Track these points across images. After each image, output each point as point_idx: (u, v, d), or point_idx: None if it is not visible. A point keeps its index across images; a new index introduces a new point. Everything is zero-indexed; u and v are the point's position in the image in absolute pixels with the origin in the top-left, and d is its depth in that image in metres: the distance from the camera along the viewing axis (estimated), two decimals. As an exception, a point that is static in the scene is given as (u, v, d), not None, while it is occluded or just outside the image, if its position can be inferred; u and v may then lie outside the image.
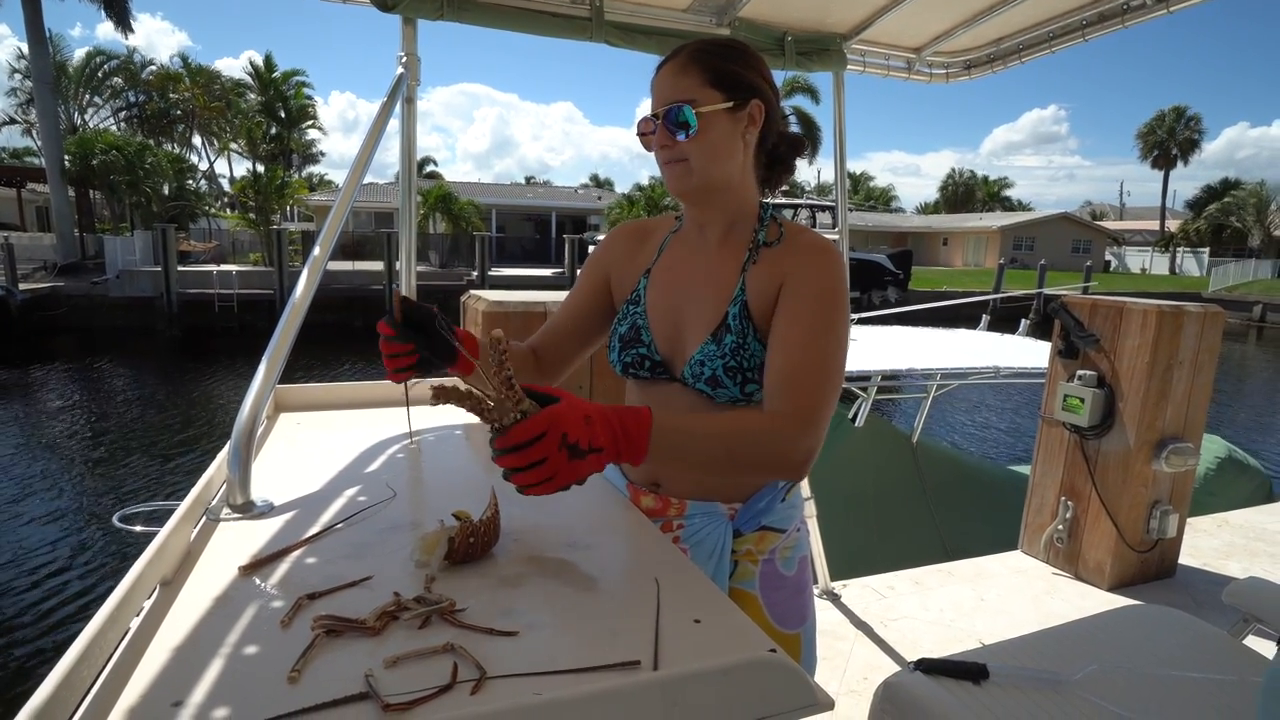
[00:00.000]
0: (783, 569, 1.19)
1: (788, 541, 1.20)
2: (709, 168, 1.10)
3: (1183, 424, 3.00)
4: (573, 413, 0.82)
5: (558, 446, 0.80)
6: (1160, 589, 3.04)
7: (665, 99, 1.09)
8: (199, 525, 0.95)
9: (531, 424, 0.80)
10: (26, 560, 6.46)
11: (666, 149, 1.10)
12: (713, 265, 1.15)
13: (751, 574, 1.17)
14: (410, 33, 1.88)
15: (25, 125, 31.32)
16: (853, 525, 4.69)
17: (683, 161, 1.09)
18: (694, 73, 1.09)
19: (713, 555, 1.15)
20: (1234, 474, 5.55)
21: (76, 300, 17.95)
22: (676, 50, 1.12)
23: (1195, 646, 1.50)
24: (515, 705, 0.58)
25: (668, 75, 1.11)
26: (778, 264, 1.11)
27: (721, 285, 1.13)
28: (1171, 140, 48.43)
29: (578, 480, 0.84)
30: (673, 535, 1.16)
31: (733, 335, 1.08)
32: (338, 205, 1.52)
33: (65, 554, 6.61)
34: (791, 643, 1.19)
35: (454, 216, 26.25)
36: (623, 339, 1.19)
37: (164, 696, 0.60)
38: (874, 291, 22.90)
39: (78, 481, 8.60)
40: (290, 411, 1.55)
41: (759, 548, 1.18)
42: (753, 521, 1.17)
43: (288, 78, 32.06)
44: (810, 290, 1.06)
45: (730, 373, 1.07)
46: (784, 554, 1.20)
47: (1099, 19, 2.12)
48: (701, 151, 1.08)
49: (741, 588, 1.17)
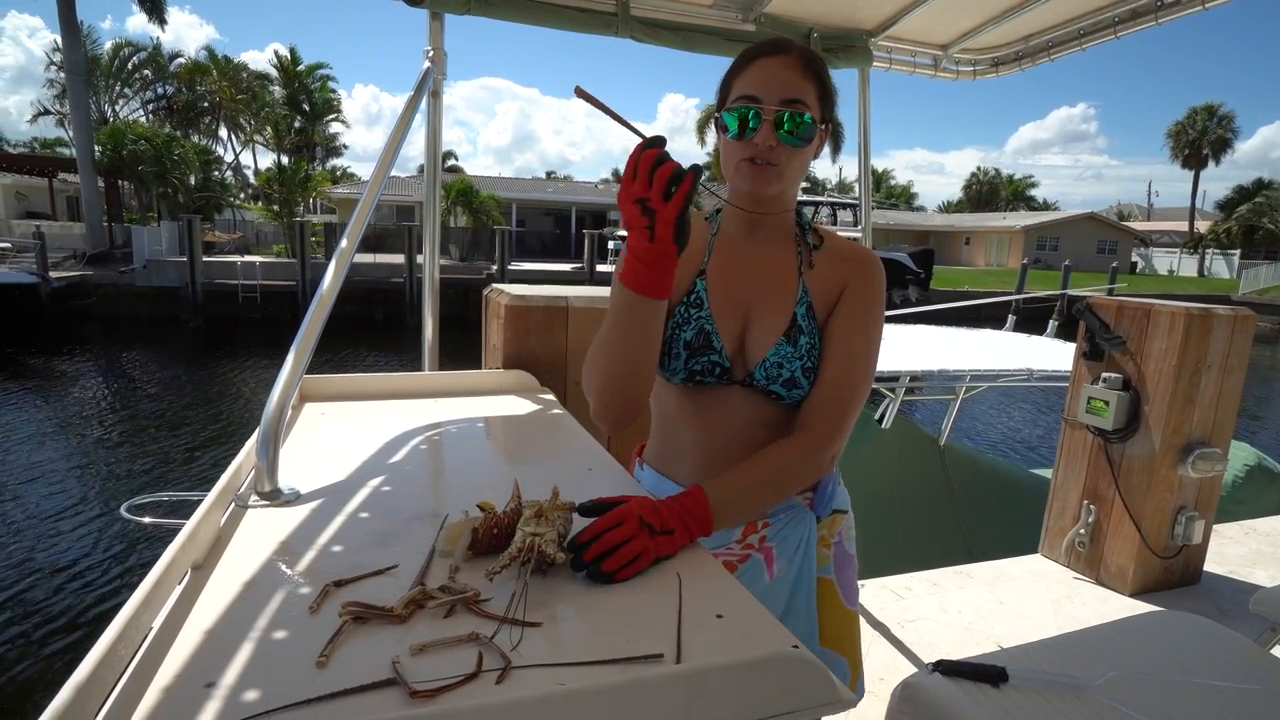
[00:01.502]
0: (849, 548, 1.24)
1: (850, 521, 1.25)
2: (796, 178, 1.10)
3: (1210, 429, 2.95)
4: (642, 503, 0.87)
5: (638, 526, 0.83)
6: (1184, 596, 3.00)
7: (785, 94, 1.02)
8: (228, 511, 0.96)
9: (610, 515, 0.84)
10: (52, 544, 6.60)
11: (773, 149, 1.03)
12: (770, 267, 1.15)
13: (827, 559, 1.21)
14: (437, 27, 1.90)
15: (59, 116, 31.88)
16: (876, 526, 4.67)
17: (774, 166, 1.05)
18: (811, 81, 1.05)
19: (799, 548, 1.17)
20: (1264, 482, 5.44)
21: (104, 289, 18.27)
22: (783, 45, 1.07)
23: (1220, 655, 1.47)
24: (539, 695, 0.59)
25: (787, 70, 1.04)
26: (834, 269, 1.13)
27: (784, 287, 1.13)
28: (1203, 139, 47.48)
29: (665, 556, 0.86)
30: (759, 535, 1.16)
31: (806, 336, 1.09)
32: (365, 198, 1.53)
33: (86, 538, 6.75)
34: (854, 620, 1.24)
35: (475, 210, 26.35)
36: (690, 345, 1.11)
37: (197, 677, 0.61)
38: (895, 290, 22.67)
39: (101, 467, 8.76)
40: (315, 401, 1.57)
41: (830, 531, 1.21)
42: (827, 507, 1.20)
43: (312, 71, 32.40)
44: (865, 299, 1.11)
45: (807, 373, 1.09)
46: (848, 534, 1.25)
47: (1131, 15, 2.09)
48: (798, 163, 1.07)
49: (820, 575, 1.20)
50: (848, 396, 1.07)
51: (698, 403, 1.15)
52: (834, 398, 1.06)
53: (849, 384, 1.07)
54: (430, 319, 2.04)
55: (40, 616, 5.47)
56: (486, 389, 1.75)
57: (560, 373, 2.13)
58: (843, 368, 1.07)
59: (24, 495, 7.68)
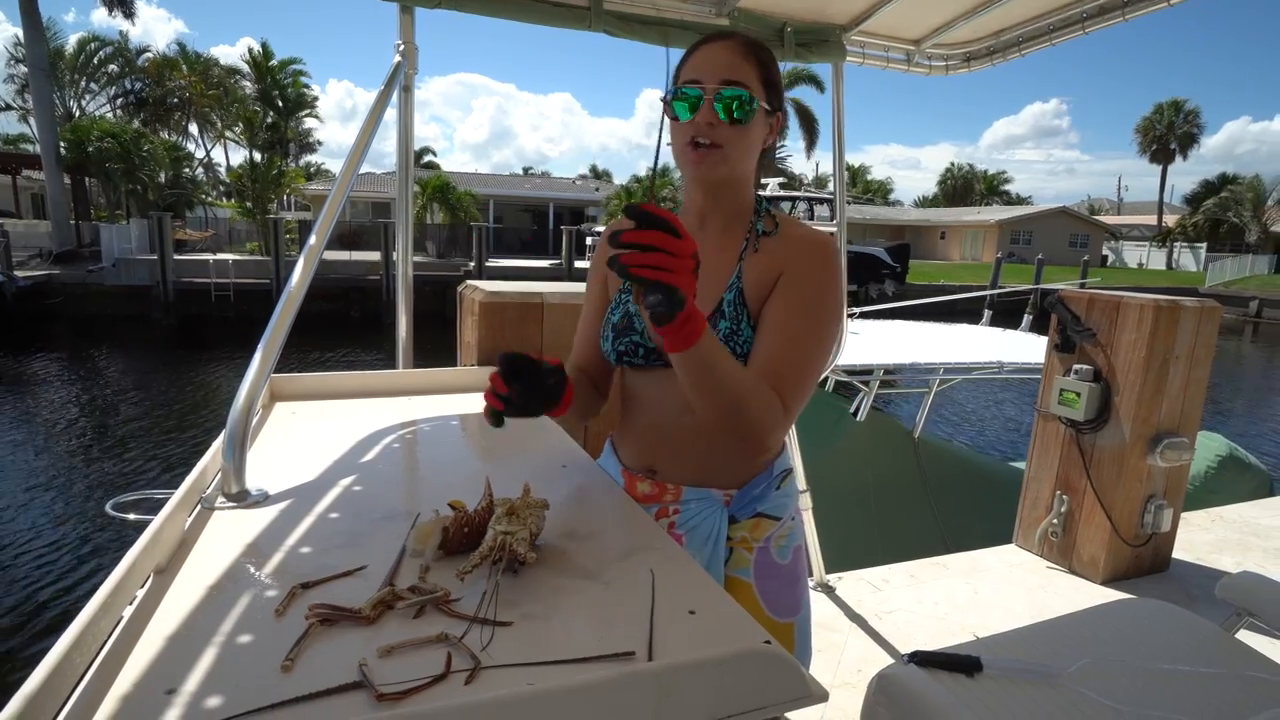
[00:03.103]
0: (777, 557, 1.19)
1: (782, 530, 1.20)
2: (741, 162, 1.10)
3: (1178, 419, 3.00)
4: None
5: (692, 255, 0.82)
6: (1154, 583, 3.06)
7: (724, 76, 1.05)
8: (194, 513, 0.94)
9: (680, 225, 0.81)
10: (17, 547, 6.46)
11: (712, 127, 1.05)
12: (710, 254, 1.14)
13: (746, 561, 1.17)
14: (408, 21, 1.87)
15: (21, 111, 31.12)
16: (852, 519, 4.70)
17: (718, 148, 1.06)
18: (753, 65, 1.07)
19: (708, 541, 1.15)
20: (1235, 472, 5.56)
21: (72, 288, 17.88)
22: (728, 34, 1.10)
23: (1188, 640, 1.50)
24: (509, 695, 0.58)
25: (728, 53, 1.07)
26: (777, 253, 1.11)
27: (718, 273, 1.13)
28: (1170, 134, 48.35)
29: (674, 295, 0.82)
30: (668, 521, 1.16)
31: (726, 321, 1.08)
32: (334, 194, 1.51)
33: (57, 541, 6.61)
34: (785, 632, 1.19)
35: (451, 207, 26.16)
36: (615, 327, 1.17)
37: (157, 684, 0.59)
38: (871, 285, 22.88)
39: (71, 469, 8.58)
40: (285, 401, 1.55)
41: (754, 535, 1.18)
42: (748, 508, 1.17)
43: (285, 66, 31.92)
44: (806, 282, 1.08)
45: None
46: (778, 542, 1.19)
47: (1099, 11, 2.11)
48: (741, 144, 1.08)
49: (736, 575, 1.17)
50: (783, 374, 1.02)
51: (636, 384, 1.20)
52: (765, 374, 1.02)
53: (785, 362, 1.03)
54: (404, 316, 2.01)
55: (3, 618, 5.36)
56: (460, 386, 1.73)
57: (536, 369, 2.12)
58: (775, 350, 1.04)
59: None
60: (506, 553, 0.79)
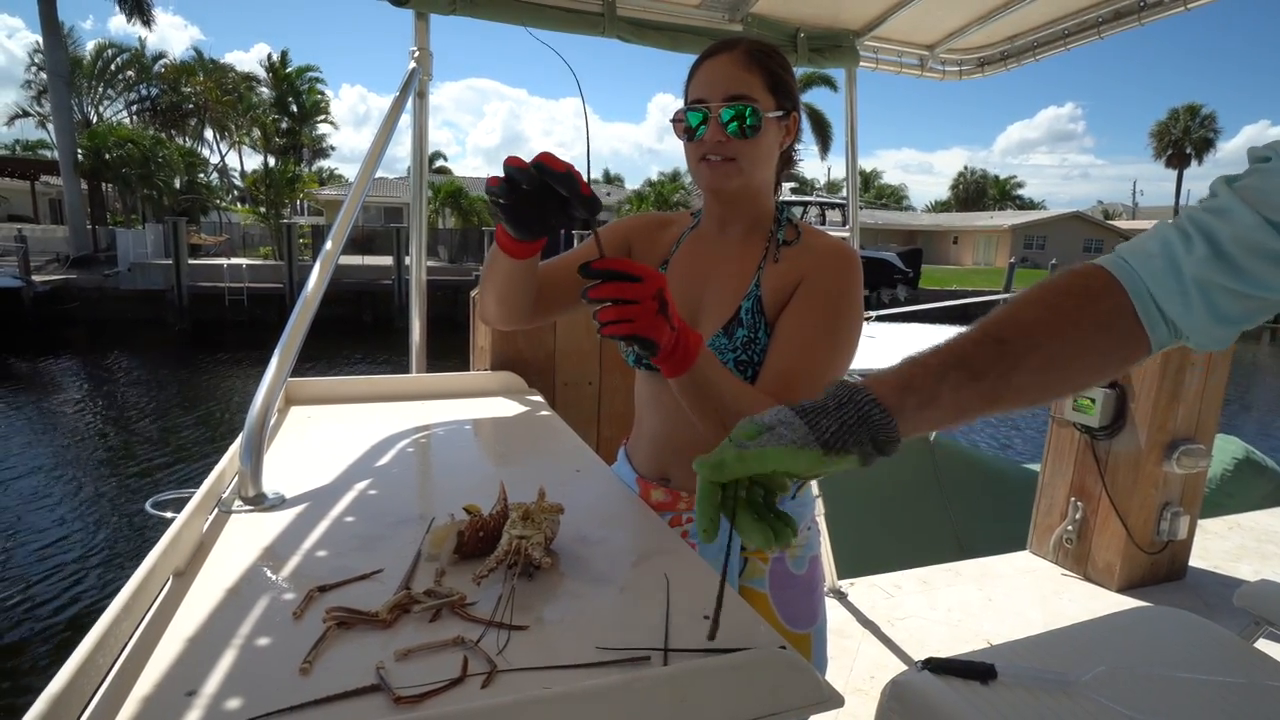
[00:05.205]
0: (793, 568, 1.19)
1: (798, 540, 1.19)
2: (755, 172, 1.10)
3: (1195, 425, 2.97)
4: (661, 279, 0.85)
5: (653, 296, 0.82)
6: (1170, 591, 3.02)
7: (728, 91, 1.05)
8: (211, 516, 0.95)
9: (637, 267, 0.82)
10: (37, 548, 6.53)
11: (722, 144, 1.06)
12: (730, 261, 1.15)
13: (761, 572, 1.17)
14: (423, 27, 1.89)
15: (40, 118, 31.54)
16: (866, 524, 4.67)
17: (731, 161, 1.07)
18: (757, 73, 1.07)
19: (721, 551, 1.15)
20: (1252, 475, 5.49)
21: (88, 293, 18.10)
22: (731, 43, 1.09)
23: (1205, 649, 1.49)
24: (525, 698, 0.58)
25: (730, 66, 1.07)
26: (796, 263, 1.10)
27: (738, 281, 1.13)
28: (1186, 139, 47.98)
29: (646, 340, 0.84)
30: (681, 530, 1.16)
31: (744, 329, 1.08)
32: (350, 199, 1.52)
33: (77, 542, 6.68)
34: (802, 643, 1.19)
35: (464, 211, 26.30)
36: None
37: (178, 686, 0.60)
38: (883, 289, 22.82)
39: (88, 472, 8.67)
40: (301, 405, 1.56)
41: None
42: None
43: (301, 73, 32.19)
44: (824, 293, 1.07)
45: (741, 366, 1.07)
46: (794, 553, 1.19)
47: (1114, 16, 2.10)
48: (753, 155, 1.08)
49: (751, 586, 1.17)
50: (796, 384, 1.01)
51: (652, 389, 1.20)
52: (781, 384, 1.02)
53: (796, 375, 1.02)
54: (417, 321, 2.02)
55: (20, 627, 5.41)
56: (474, 391, 1.74)
57: (548, 374, 2.13)
58: (790, 358, 1.03)
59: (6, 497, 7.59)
60: (522, 557, 0.79)
